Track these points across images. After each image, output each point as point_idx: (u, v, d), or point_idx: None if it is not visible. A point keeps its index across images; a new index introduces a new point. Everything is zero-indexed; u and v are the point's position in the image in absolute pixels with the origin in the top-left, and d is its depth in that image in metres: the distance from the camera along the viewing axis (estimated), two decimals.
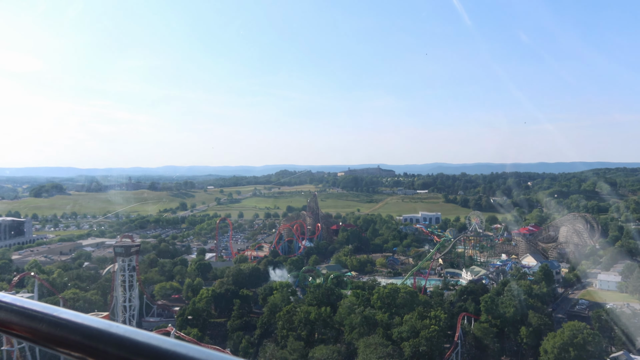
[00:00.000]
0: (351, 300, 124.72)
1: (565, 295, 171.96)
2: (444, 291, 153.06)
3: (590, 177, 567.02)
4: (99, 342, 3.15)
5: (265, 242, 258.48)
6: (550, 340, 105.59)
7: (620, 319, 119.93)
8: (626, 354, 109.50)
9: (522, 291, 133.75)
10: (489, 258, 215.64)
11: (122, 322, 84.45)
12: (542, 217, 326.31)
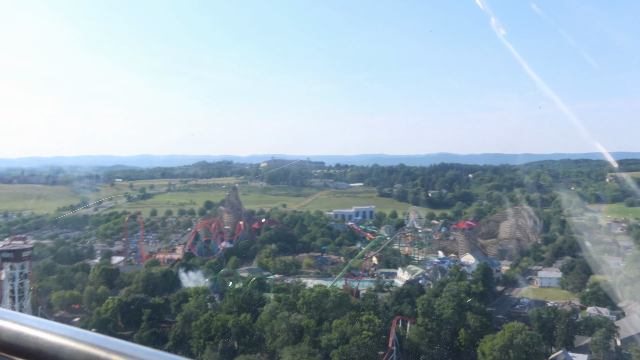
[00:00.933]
0: (274, 305, 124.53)
1: (506, 294, 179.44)
2: (378, 293, 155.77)
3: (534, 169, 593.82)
4: (64, 352, 3.06)
5: (179, 244, 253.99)
6: (489, 342, 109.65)
7: (560, 317, 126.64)
8: (565, 353, 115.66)
9: (461, 291, 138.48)
10: (426, 255, 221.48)
11: None
12: (482, 211, 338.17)
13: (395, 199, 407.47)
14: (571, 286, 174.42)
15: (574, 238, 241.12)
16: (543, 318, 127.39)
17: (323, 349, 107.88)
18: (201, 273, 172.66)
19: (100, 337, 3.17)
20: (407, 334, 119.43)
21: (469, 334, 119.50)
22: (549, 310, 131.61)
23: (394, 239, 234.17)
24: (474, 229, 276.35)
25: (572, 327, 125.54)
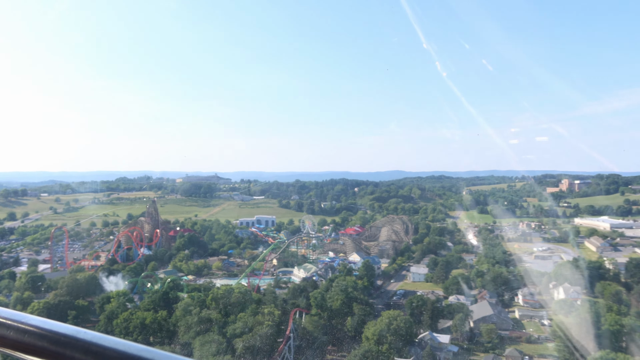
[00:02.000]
0: (187, 303, 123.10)
1: (385, 287, 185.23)
2: (277, 289, 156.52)
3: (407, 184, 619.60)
4: (66, 348, 2.99)
5: (103, 251, 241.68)
6: (371, 327, 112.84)
7: (427, 305, 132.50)
8: (430, 334, 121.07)
9: (348, 286, 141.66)
10: (319, 256, 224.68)
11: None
12: (366, 218, 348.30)
13: (293, 209, 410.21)
14: (436, 279, 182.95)
15: (438, 239, 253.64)
16: (414, 306, 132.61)
17: (229, 338, 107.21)
18: (123, 277, 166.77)
19: (99, 336, 3.09)
20: (303, 324, 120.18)
21: (355, 321, 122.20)
22: (418, 299, 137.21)
23: (291, 243, 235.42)
24: (359, 233, 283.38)
25: (437, 313, 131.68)
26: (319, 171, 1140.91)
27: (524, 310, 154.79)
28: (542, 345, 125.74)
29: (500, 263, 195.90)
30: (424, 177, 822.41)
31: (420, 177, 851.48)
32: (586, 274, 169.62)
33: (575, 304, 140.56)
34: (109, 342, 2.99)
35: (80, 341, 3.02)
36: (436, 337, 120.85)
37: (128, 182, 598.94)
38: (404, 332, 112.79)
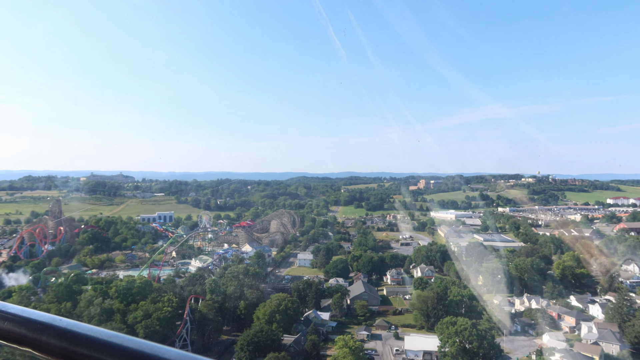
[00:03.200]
0: (91, 294, 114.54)
1: (275, 272, 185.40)
2: (176, 279, 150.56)
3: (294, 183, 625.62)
4: (43, 334, 2.93)
5: (4, 248, 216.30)
6: (261, 309, 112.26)
7: (311, 287, 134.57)
8: (315, 312, 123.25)
9: (240, 273, 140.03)
10: (214, 248, 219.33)
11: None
12: (258, 213, 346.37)
13: (191, 205, 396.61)
14: (318, 264, 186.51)
15: (321, 230, 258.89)
16: (300, 288, 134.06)
17: (130, 325, 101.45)
18: (24, 272, 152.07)
19: (73, 322, 2.99)
20: (199, 308, 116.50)
21: (247, 304, 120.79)
22: (304, 282, 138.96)
23: (189, 237, 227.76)
24: (251, 226, 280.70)
25: (319, 293, 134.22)
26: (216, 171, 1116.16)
27: (390, 287, 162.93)
28: (404, 315, 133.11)
29: (372, 249, 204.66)
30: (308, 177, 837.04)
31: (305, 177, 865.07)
32: (437, 255, 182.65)
33: (429, 281, 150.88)
34: (82, 328, 2.90)
35: (55, 328, 2.93)
36: (319, 314, 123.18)
37: (33, 181, 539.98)
38: (292, 312, 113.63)
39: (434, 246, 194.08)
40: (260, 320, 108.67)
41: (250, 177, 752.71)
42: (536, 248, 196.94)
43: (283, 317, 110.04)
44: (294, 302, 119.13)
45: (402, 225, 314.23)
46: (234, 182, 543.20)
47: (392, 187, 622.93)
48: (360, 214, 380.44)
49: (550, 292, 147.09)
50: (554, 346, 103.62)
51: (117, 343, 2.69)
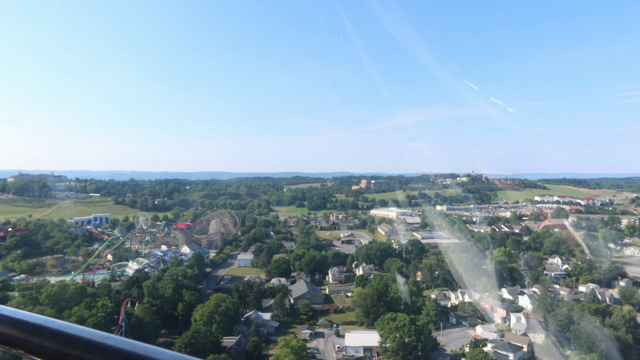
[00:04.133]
0: (18, 301, 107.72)
1: (214, 273, 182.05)
2: (111, 282, 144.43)
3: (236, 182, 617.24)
4: (34, 336, 2.91)
5: None
6: (200, 310, 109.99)
7: (252, 287, 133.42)
8: (256, 312, 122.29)
9: (178, 275, 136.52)
10: (152, 250, 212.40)
11: None
12: (197, 213, 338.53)
13: (128, 206, 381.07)
14: (260, 264, 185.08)
15: (263, 230, 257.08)
16: (240, 289, 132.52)
17: None
18: None
19: (66, 324, 2.97)
20: (136, 312, 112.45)
21: (185, 306, 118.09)
22: (244, 283, 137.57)
23: (126, 239, 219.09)
24: (190, 227, 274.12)
25: (260, 293, 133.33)
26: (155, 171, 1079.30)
27: (332, 286, 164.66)
28: (346, 313, 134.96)
29: (314, 248, 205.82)
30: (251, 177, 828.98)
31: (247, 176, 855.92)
32: (378, 253, 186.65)
33: (369, 278, 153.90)
34: (75, 329, 2.87)
35: (48, 329, 2.90)
36: (260, 315, 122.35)
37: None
38: (232, 313, 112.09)
39: (374, 244, 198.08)
40: (198, 322, 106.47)
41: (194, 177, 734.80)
42: (470, 244, 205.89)
43: (223, 318, 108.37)
44: (234, 302, 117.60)
45: (344, 224, 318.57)
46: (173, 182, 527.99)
47: (335, 186, 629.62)
48: (303, 213, 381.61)
49: (483, 285, 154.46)
50: (486, 337, 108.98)
51: (110, 344, 2.67)
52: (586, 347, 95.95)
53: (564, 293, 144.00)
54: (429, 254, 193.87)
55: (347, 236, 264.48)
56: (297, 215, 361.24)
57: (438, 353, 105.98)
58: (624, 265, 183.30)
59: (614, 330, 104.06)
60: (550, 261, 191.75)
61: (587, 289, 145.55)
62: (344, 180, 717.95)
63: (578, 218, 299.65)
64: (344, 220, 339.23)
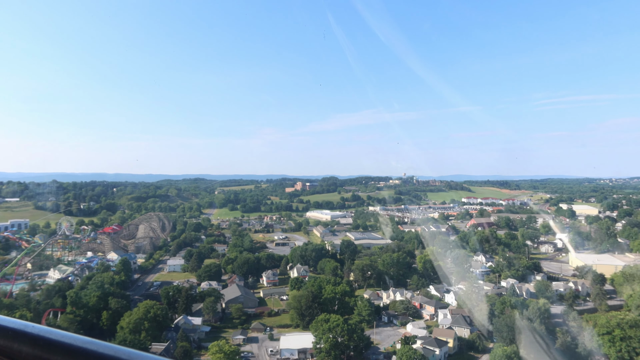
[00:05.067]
0: None
1: (143, 279, 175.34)
2: (31, 292, 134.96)
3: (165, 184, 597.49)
4: (13, 342, 2.86)
5: None
6: (127, 318, 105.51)
7: (181, 292, 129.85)
8: (185, 317, 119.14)
9: (105, 282, 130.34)
10: (76, 257, 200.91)
11: None
12: (125, 217, 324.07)
13: (50, 210, 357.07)
14: (191, 268, 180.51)
15: (194, 234, 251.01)
16: (169, 294, 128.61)
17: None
18: None
19: (46, 329, 2.90)
20: (58, 323, 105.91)
21: (110, 314, 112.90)
22: (173, 288, 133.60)
23: (47, 245, 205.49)
24: (117, 232, 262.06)
25: (190, 298, 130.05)
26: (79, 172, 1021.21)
27: (266, 289, 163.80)
28: (280, 316, 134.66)
29: (248, 251, 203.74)
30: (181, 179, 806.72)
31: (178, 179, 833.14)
32: (313, 254, 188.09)
33: (304, 280, 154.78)
34: (56, 334, 2.81)
35: (28, 335, 2.86)
36: (190, 320, 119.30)
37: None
38: (161, 319, 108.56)
39: (309, 246, 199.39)
40: (124, 329, 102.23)
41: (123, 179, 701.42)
42: (402, 244, 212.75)
43: (152, 325, 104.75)
44: (163, 308, 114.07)
45: (279, 226, 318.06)
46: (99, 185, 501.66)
47: (269, 188, 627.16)
48: (236, 215, 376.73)
49: (414, 284, 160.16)
50: (416, 334, 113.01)
51: (92, 349, 2.63)
52: (507, 339, 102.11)
53: (487, 288, 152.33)
54: (362, 254, 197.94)
55: (282, 239, 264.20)
56: (230, 218, 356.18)
57: (371, 351, 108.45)
58: (540, 261, 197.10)
59: (530, 322, 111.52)
60: (475, 258, 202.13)
61: (508, 284, 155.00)
62: (278, 183, 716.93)
63: (499, 217, 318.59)
64: (279, 222, 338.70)
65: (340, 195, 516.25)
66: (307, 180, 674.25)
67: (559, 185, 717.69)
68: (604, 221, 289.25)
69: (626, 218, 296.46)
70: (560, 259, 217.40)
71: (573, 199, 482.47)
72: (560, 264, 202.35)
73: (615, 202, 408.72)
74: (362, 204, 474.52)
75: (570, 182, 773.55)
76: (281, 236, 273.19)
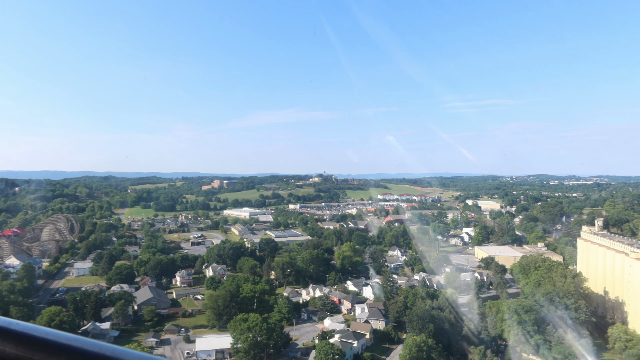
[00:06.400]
0: None
1: (48, 285, 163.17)
2: None
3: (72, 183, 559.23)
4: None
5: None
6: None
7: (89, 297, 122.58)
8: (93, 323, 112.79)
9: (3, 290, 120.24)
10: None
11: None
12: (27, 219, 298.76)
13: None
14: (100, 272, 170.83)
15: (104, 235, 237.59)
16: (77, 300, 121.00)
17: None
18: None
19: (31, 326, 2.90)
20: None
21: None
22: (81, 293, 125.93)
23: None
24: (19, 235, 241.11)
25: (99, 303, 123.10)
26: None
27: (180, 290, 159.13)
28: (195, 317, 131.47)
29: (161, 251, 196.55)
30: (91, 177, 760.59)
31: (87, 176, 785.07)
32: (231, 253, 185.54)
33: (222, 279, 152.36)
34: (40, 332, 2.81)
35: (11, 332, 2.81)
36: (99, 325, 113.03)
37: None
38: (67, 326, 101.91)
39: (227, 244, 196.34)
40: None
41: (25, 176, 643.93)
42: (321, 241, 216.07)
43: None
44: (70, 315, 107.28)
45: (194, 225, 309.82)
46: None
47: (185, 186, 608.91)
48: (149, 215, 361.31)
49: (332, 279, 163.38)
50: (334, 328, 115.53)
51: (77, 346, 2.60)
52: (417, 329, 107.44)
53: (401, 282, 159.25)
54: (282, 251, 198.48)
55: (198, 237, 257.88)
56: (144, 218, 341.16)
57: (290, 348, 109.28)
58: (449, 254, 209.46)
59: (440, 312, 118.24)
60: (391, 253, 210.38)
61: (420, 277, 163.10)
62: (195, 181, 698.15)
63: (413, 214, 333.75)
64: (195, 221, 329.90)
65: (259, 193, 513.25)
66: (225, 178, 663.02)
67: (467, 183, 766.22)
68: (505, 216, 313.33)
69: (523, 213, 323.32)
70: (467, 251, 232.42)
71: (479, 195, 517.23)
72: (467, 256, 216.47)
73: (514, 198, 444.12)
74: (282, 201, 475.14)
75: (477, 180, 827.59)
76: (197, 235, 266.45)
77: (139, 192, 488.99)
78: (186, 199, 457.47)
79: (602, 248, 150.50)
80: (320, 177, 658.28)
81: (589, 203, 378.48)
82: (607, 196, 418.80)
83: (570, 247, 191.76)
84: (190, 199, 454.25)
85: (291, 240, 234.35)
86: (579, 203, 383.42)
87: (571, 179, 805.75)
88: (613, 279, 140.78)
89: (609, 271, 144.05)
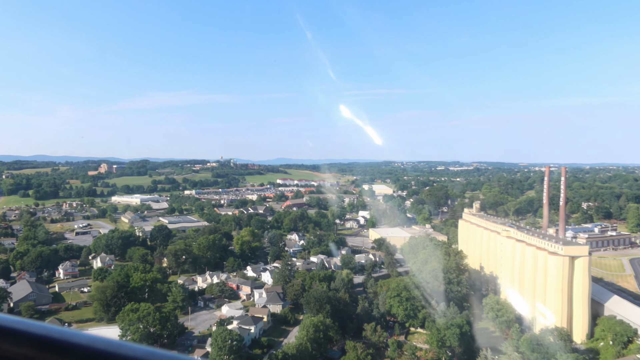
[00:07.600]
0: None
1: None
2: None
3: None
4: None
5: None
6: None
7: None
8: None
9: None
10: None
11: None
12: None
13: None
14: None
15: None
16: None
17: None
18: None
19: (19, 320, 2.81)
20: None
21: None
22: None
23: None
24: None
25: None
26: None
27: (64, 283, 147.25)
28: (81, 310, 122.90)
29: (43, 243, 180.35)
30: None
31: None
32: (120, 242, 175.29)
33: (110, 270, 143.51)
34: (29, 326, 2.73)
35: (20, 332, 2.73)
36: None
37: None
38: None
39: (116, 233, 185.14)
40: None
41: None
42: (219, 226, 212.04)
43: None
44: None
45: (80, 214, 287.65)
46: None
47: (69, 171, 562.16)
48: (28, 203, 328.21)
49: (230, 266, 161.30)
50: (232, 314, 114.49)
51: (67, 340, 2.53)
52: (315, 310, 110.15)
53: (299, 264, 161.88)
54: (176, 238, 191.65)
55: (84, 227, 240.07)
56: (21, 206, 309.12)
57: (185, 337, 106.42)
58: (346, 237, 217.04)
59: (336, 292, 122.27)
60: (290, 237, 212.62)
61: (318, 259, 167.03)
62: (80, 166, 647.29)
63: (311, 198, 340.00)
64: (80, 209, 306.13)
65: (152, 179, 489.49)
66: (114, 163, 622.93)
67: (363, 168, 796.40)
68: (397, 199, 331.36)
69: (414, 196, 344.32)
70: (362, 234, 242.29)
71: (374, 180, 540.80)
72: (363, 238, 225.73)
73: (405, 183, 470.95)
74: (177, 187, 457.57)
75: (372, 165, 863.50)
76: (83, 224, 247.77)
77: (15, 177, 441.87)
78: (70, 184, 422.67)
79: (480, 228, 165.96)
80: (218, 162, 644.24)
81: (470, 187, 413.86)
82: (484, 180, 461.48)
83: (454, 227, 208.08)
84: (75, 185, 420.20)
85: (187, 227, 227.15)
86: (461, 187, 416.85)
87: (456, 165, 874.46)
88: (488, 255, 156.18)
89: (484, 248, 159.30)
